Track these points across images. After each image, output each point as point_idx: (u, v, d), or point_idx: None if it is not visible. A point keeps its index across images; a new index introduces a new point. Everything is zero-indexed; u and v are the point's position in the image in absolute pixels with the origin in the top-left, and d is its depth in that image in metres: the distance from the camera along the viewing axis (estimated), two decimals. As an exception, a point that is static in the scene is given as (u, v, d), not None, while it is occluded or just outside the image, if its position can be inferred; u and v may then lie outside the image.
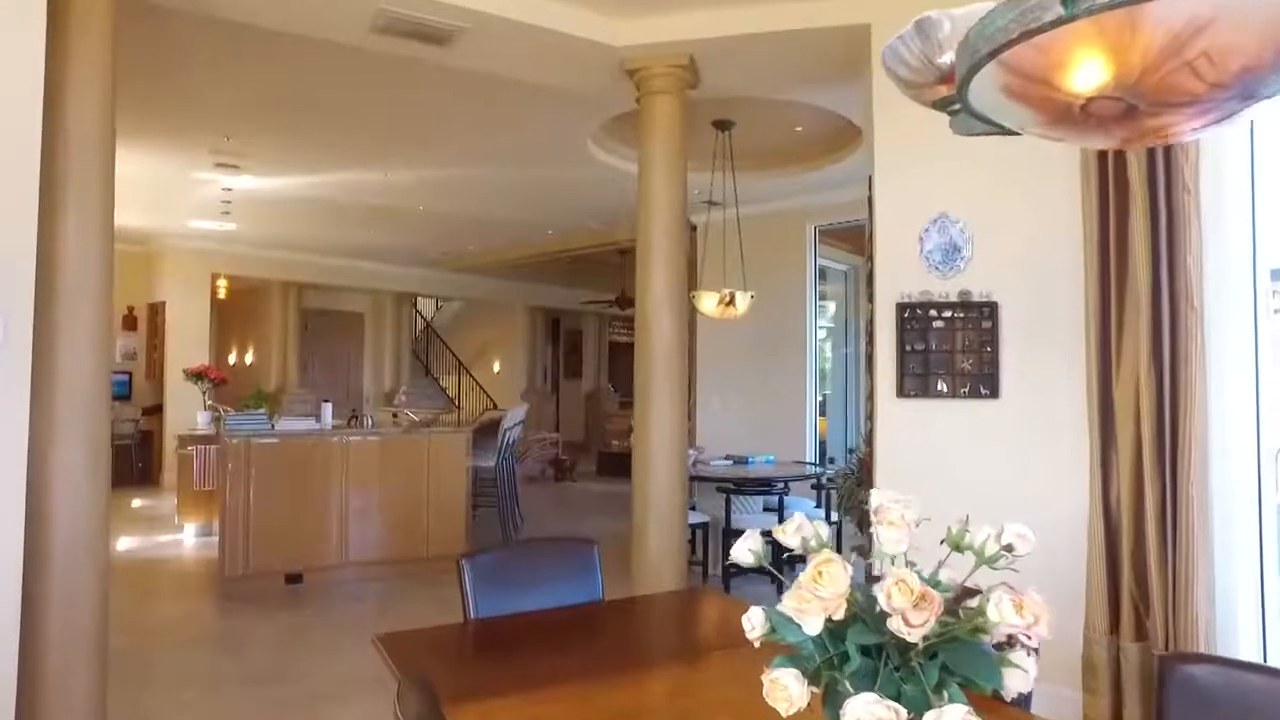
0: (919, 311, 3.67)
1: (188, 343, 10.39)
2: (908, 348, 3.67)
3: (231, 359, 13.69)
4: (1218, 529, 2.92)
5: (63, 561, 2.75)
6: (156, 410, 10.64)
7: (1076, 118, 0.96)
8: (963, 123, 1.29)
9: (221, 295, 9.31)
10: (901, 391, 3.67)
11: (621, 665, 1.99)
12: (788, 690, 1.04)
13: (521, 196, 8.19)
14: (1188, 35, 0.79)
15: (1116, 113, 0.93)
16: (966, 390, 3.61)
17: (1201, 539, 2.86)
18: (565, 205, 8.58)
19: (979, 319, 3.61)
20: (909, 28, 1.13)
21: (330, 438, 5.70)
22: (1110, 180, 3.10)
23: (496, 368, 16.42)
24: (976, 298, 3.61)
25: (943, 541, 1.32)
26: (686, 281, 4.19)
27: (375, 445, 5.82)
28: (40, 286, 2.56)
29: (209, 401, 8.27)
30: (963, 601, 1.11)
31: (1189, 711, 1.52)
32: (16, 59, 2.54)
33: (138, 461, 10.48)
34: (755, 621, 1.18)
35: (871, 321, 4.00)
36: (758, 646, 1.23)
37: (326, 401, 6.21)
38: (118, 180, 7.33)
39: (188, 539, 7.05)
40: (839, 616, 1.03)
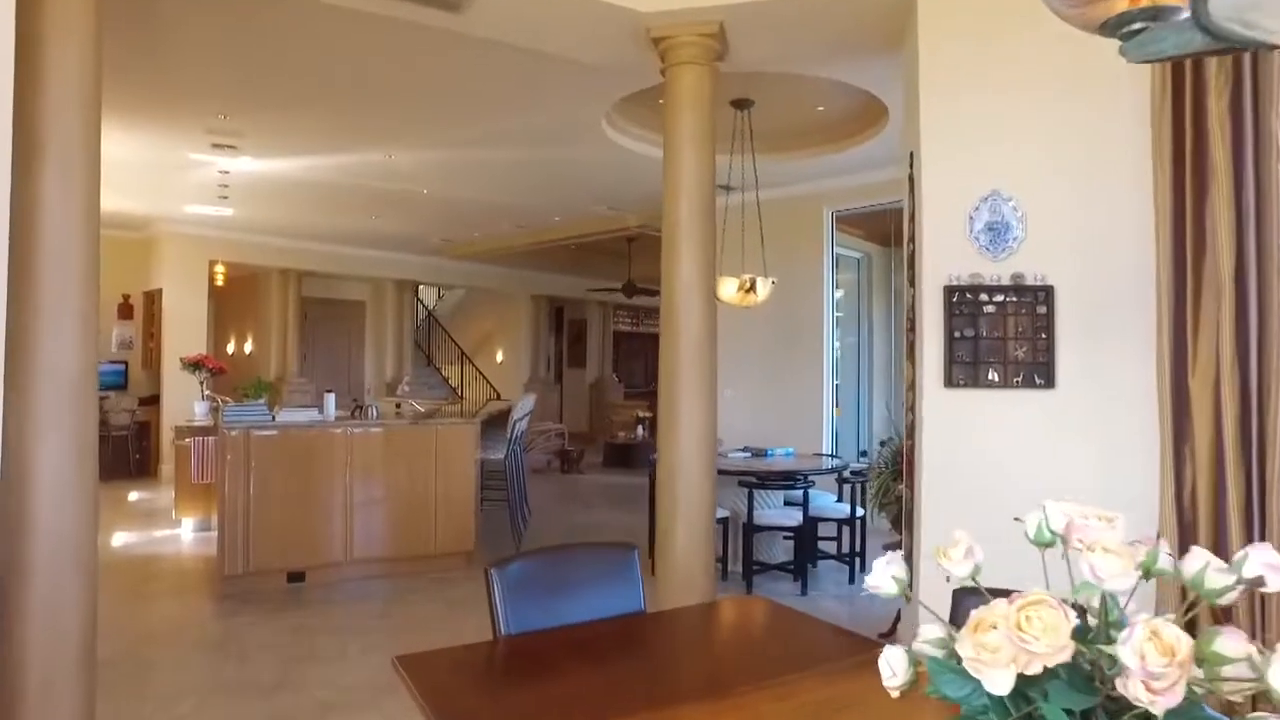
0: (968, 295, 3.42)
1: (185, 331, 10.12)
2: (956, 334, 3.42)
3: (230, 348, 13.44)
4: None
5: (46, 565, 2.50)
6: (154, 401, 10.39)
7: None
8: (1144, 45, 1.03)
9: (219, 283, 9.03)
10: (949, 381, 3.43)
11: (677, 690, 1.74)
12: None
13: (529, 180, 7.92)
14: None
15: None
16: (1020, 380, 3.36)
17: (1291, 541, 2.62)
18: (574, 189, 8.31)
19: (1033, 303, 3.36)
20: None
21: (333, 429, 5.45)
22: (1188, 151, 2.85)
23: (500, 357, 16.18)
24: (1030, 281, 3.35)
25: (1035, 541, 1.09)
26: (715, 265, 3.93)
27: (380, 437, 5.57)
28: (16, 262, 2.29)
29: (207, 392, 8.02)
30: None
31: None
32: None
33: (134, 453, 10.24)
34: (896, 667, 0.94)
35: (913, 307, 3.75)
36: (896, 697, 0.98)
37: (329, 391, 5.96)
38: (111, 164, 7.04)
39: (185, 534, 6.80)
40: (1033, 670, 0.78)
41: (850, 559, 5.70)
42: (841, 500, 6.14)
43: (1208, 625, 0.80)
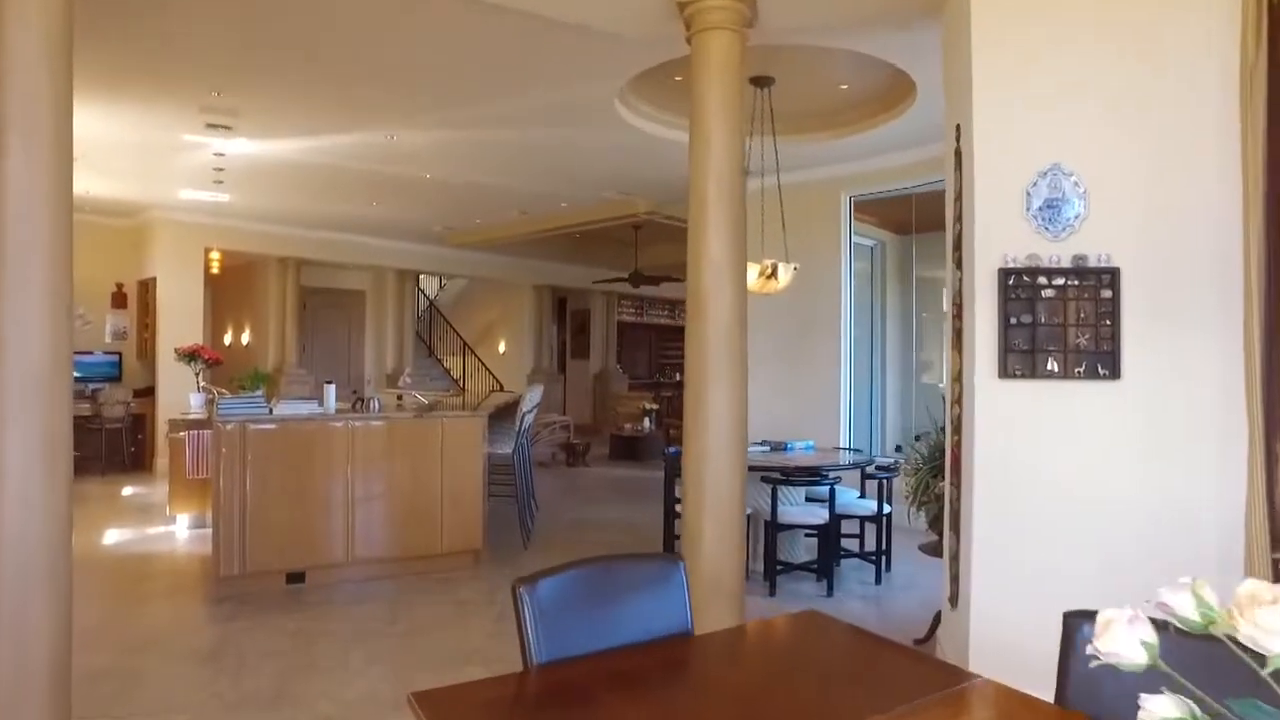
0: (1025, 279, 3.14)
1: (180, 321, 9.84)
2: (1012, 320, 3.15)
3: (227, 339, 13.15)
4: None
5: (12, 576, 2.24)
6: (149, 393, 10.12)
7: None
8: None
9: (215, 271, 8.74)
10: (1005, 371, 3.16)
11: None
12: None
13: (537, 163, 7.63)
14: None
15: None
16: (1081, 370, 3.09)
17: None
18: (583, 173, 8.02)
19: (1096, 287, 3.09)
20: None
21: (334, 422, 5.18)
22: (1284, 116, 2.57)
23: (502, 348, 15.91)
24: (1094, 262, 3.08)
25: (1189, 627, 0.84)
26: (745, 247, 3.65)
27: (383, 431, 5.30)
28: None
29: (202, 383, 7.74)
30: None
31: None
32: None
33: (129, 446, 9.96)
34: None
35: (959, 292, 3.48)
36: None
37: (329, 383, 5.68)
38: (101, 146, 6.74)
39: (180, 532, 6.54)
40: None
41: (876, 558, 5.44)
42: (864, 496, 5.89)
43: None
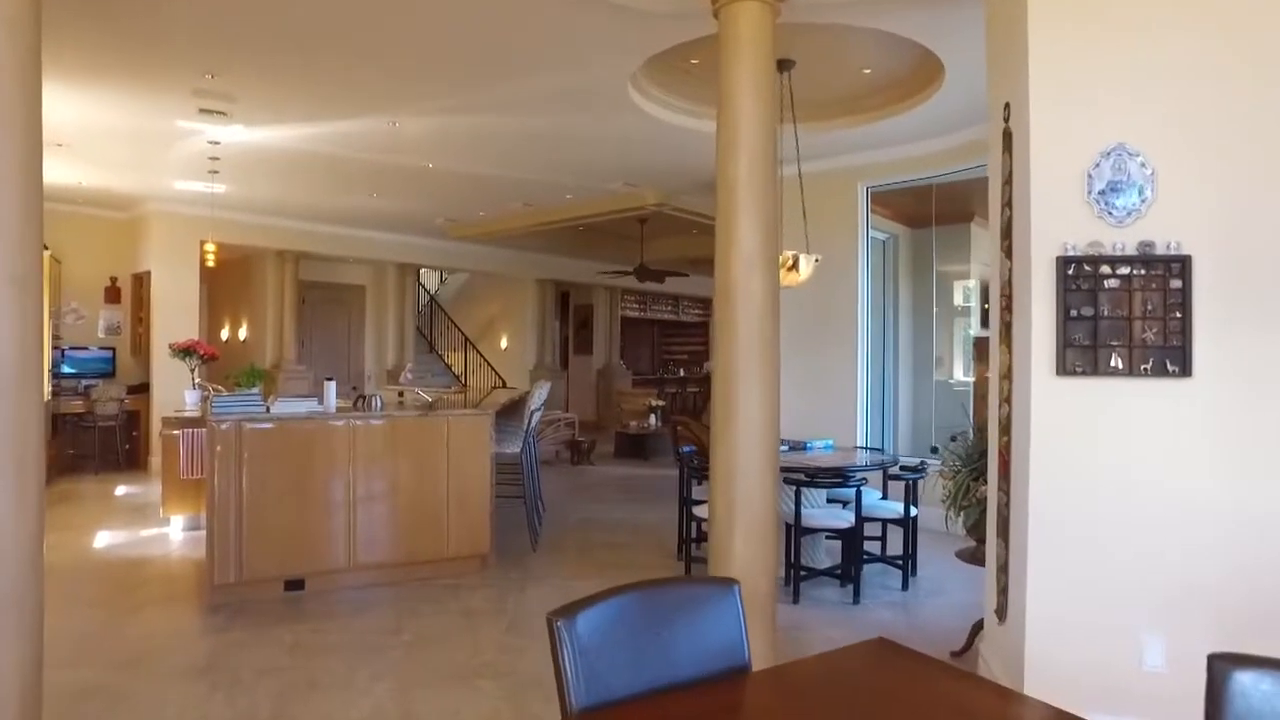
0: (1086, 268, 2.90)
1: (175, 316, 9.58)
2: (1072, 313, 2.90)
3: (224, 334, 12.89)
4: None
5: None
6: (143, 389, 9.86)
7: None
8: None
9: (210, 263, 8.47)
10: (1063, 368, 2.91)
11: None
12: None
13: (543, 153, 7.37)
14: None
15: None
16: (1148, 367, 2.85)
17: None
18: (591, 163, 7.76)
19: (1165, 277, 2.84)
20: None
21: (334, 421, 4.93)
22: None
23: (504, 343, 15.66)
24: (1162, 250, 2.84)
25: None
26: (778, 235, 3.40)
27: (386, 430, 5.05)
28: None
29: (198, 380, 7.49)
30: None
31: None
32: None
33: (123, 444, 9.71)
34: None
35: (1009, 282, 3.24)
36: None
37: (330, 379, 5.43)
38: (92, 135, 6.47)
39: (174, 534, 6.29)
40: None
41: (903, 562, 5.20)
42: (885, 497, 5.66)
43: None
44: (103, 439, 9.46)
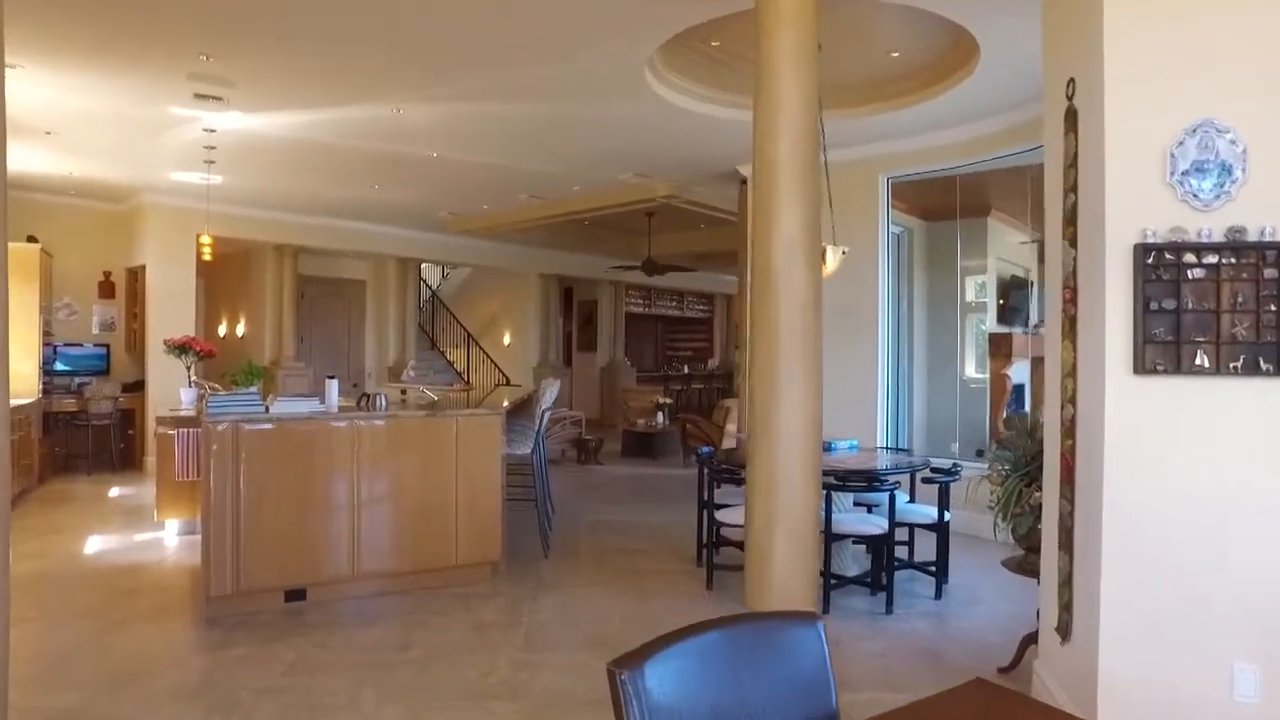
0: (1167, 256, 2.63)
1: (171, 312, 9.31)
2: (1152, 306, 2.64)
3: (222, 330, 12.62)
4: None
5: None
6: (138, 387, 9.59)
7: None
8: None
9: (206, 256, 8.20)
10: (1141, 366, 2.64)
11: None
12: None
13: (552, 141, 7.10)
14: None
15: None
16: (1239, 365, 2.59)
17: None
18: (602, 152, 7.49)
19: (1257, 266, 2.58)
20: None
21: (337, 422, 4.66)
22: None
23: (507, 340, 15.39)
24: (1254, 236, 2.57)
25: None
26: (820, 221, 3.14)
27: (392, 431, 4.79)
28: None
29: (194, 377, 7.22)
30: None
31: None
32: None
33: (118, 444, 9.44)
34: None
35: (1073, 273, 2.97)
36: None
37: (331, 377, 5.16)
38: (83, 121, 6.15)
39: (169, 539, 6.02)
40: None
41: (937, 570, 4.95)
42: (912, 500, 5.40)
43: None
44: (96, 438, 9.19)
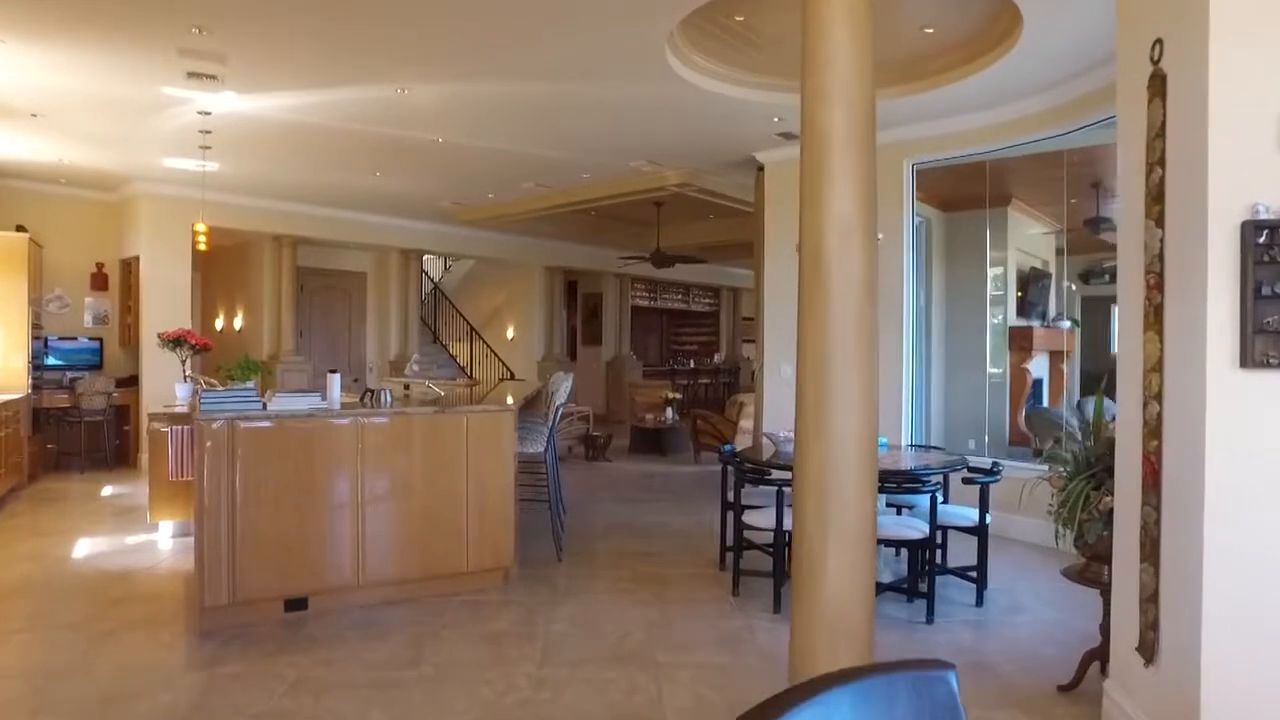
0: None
1: (166, 304, 9.01)
2: (1262, 290, 2.34)
3: (219, 324, 12.31)
4: None
5: None
6: (133, 382, 9.28)
7: None
8: None
9: (202, 246, 7.89)
10: (1249, 359, 2.35)
11: None
12: None
13: (563, 125, 6.79)
14: None
15: None
16: (1362, 358, 2.29)
17: None
18: (615, 138, 7.18)
19: (1383, 245, 2.28)
20: None
21: (340, 419, 4.36)
22: None
23: (510, 334, 15.09)
24: (1379, 211, 2.28)
25: None
26: (876, 198, 2.84)
27: (399, 428, 4.49)
28: None
29: (189, 372, 6.92)
30: None
31: None
32: None
33: (113, 439, 9.15)
34: None
35: (1159, 256, 2.67)
36: None
37: (334, 372, 4.86)
38: (68, 101, 5.81)
39: (162, 542, 5.73)
40: None
41: (977, 575, 4.66)
42: (945, 500, 5.11)
43: None
44: (89, 435, 8.89)
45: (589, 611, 4.42)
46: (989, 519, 4.68)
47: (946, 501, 5.14)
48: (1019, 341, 8.62)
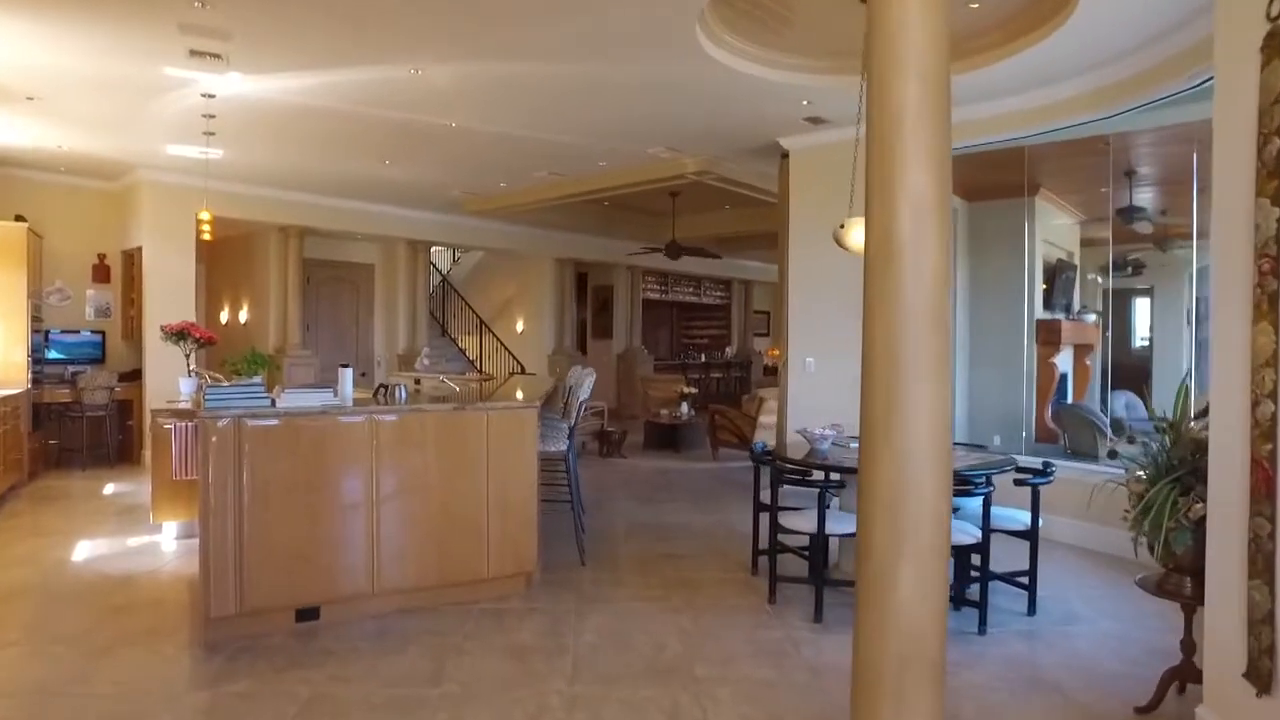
0: None
1: (170, 296, 8.75)
2: None
3: (224, 316, 12.06)
4: None
5: None
6: (136, 376, 9.03)
7: None
8: None
9: (206, 236, 7.62)
10: (1394, 353, 2.07)
11: None
12: None
13: (581, 108, 6.49)
14: None
15: None
16: None
17: None
18: (635, 122, 6.88)
19: None
20: None
21: (354, 417, 4.09)
22: None
23: (520, 327, 14.82)
24: None
25: None
26: (950, 179, 2.55)
27: (416, 425, 4.22)
28: None
29: (193, 366, 6.66)
30: None
31: None
32: None
33: (116, 435, 8.90)
34: None
35: (1274, 238, 2.39)
36: None
37: (345, 366, 4.58)
38: (65, 82, 5.50)
39: (165, 544, 5.48)
40: None
41: (1030, 583, 4.39)
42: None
43: None
44: (91, 431, 8.64)
45: (618, 621, 4.15)
46: (1041, 522, 4.40)
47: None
48: (1046, 335, 8.34)
